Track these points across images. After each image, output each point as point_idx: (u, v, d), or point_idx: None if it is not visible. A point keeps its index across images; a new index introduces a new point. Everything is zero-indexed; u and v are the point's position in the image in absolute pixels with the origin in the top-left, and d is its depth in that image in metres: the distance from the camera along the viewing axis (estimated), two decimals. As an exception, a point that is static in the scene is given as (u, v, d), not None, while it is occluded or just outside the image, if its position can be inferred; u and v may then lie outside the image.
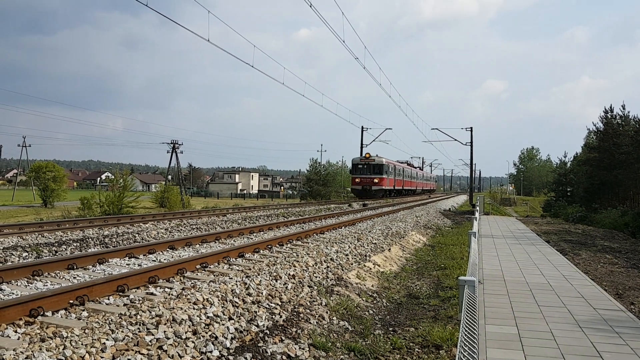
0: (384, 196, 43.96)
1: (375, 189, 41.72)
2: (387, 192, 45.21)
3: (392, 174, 46.07)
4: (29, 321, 4.90)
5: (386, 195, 44.96)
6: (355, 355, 5.54)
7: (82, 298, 5.58)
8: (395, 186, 48.06)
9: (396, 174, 48.56)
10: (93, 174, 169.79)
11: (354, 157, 43.58)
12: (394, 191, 48.88)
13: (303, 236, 12.50)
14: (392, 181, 46.37)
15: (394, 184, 47.26)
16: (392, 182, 46.19)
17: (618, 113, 41.24)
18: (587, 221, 29.85)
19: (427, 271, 11.25)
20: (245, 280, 7.05)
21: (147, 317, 5.13)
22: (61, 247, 9.54)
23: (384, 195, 44.13)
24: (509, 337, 5.53)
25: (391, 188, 46.15)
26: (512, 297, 7.55)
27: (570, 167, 55.17)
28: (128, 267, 8.02)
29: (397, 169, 49.24)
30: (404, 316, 7.46)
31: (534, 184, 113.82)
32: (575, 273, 9.93)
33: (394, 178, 46.96)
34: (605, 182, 37.14)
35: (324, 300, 7.13)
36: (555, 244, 15.69)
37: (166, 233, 12.49)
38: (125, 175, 30.56)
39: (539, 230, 20.52)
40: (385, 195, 44.73)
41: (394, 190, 48.38)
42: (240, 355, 4.82)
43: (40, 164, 58.49)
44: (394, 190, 48.38)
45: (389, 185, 44.87)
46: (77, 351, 4.18)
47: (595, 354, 5.04)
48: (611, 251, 14.50)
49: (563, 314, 6.62)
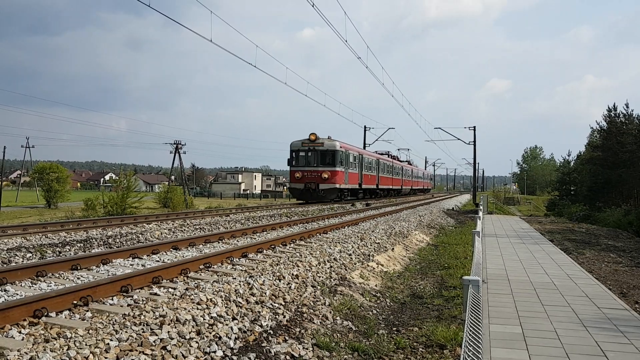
0: (340, 198, 31.96)
1: (324, 187, 29.27)
2: (346, 193, 32.83)
3: (355, 166, 33.85)
4: (33, 322, 4.91)
5: (345, 196, 32.91)
6: (359, 355, 5.53)
7: (86, 298, 5.58)
8: (362, 183, 35.69)
9: (364, 166, 36.17)
10: (96, 175, 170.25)
11: (294, 141, 30.75)
12: (362, 191, 36.65)
13: (306, 236, 12.50)
14: (356, 176, 34.21)
15: (359, 180, 34.99)
16: (355, 177, 33.96)
17: (622, 112, 41.20)
18: (590, 220, 29.78)
19: (431, 271, 11.23)
20: (248, 280, 7.05)
21: (151, 317, 5.13)
22: (65, 248, 9.56)
23: (341, 196, 31.81)
24: (513, 337, 5.51)
25: (354, 187, 33.90)
26: (516, 297, 7.53)
27: (574, 166, 55.09)
28: (132, 267, 8.03)
29: (365, 160, 36.62)
30: (408, 316, 7.45)
31: (538, 183, 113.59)
32: (579, 272, 9.90)
33: (358, 172, 34.64)
34: (609, 181, 37.05)
35: (327, 300, 7.12)
36: (559, 243, 15.65)
37: (169, 233, 12.50)
38: (129, 176, 30.62)
39: (542, 230, 20.47)
40: (344, 197, 32.69)
41: (361, 189, 36.04)
42: (244, 355, 4.82)
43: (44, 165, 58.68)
44: (361, 189, 36.04)
45: (350, 182, 32.62)
46: (81, 352, 4.18)
47: (599, 353, 5.02)
48: (615, 250, 14.46)
49: (567, 313, 6.60)
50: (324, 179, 29.34)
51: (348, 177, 31.87)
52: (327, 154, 29.81)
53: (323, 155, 29.87)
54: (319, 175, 29.51)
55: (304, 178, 29.77)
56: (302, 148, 30.25)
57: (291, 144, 30.60)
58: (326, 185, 29.37)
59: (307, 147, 30.11)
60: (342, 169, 30.66)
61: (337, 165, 29.74)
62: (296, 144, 30.49)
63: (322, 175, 29.37)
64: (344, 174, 31.08)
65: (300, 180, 29.88)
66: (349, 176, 32.23)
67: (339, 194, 30.91)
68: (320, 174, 29.47)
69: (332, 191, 29.76)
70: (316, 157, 29.95)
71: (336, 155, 29.84)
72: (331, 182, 29.52)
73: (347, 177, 31.77)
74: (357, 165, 34.35)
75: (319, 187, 29.26)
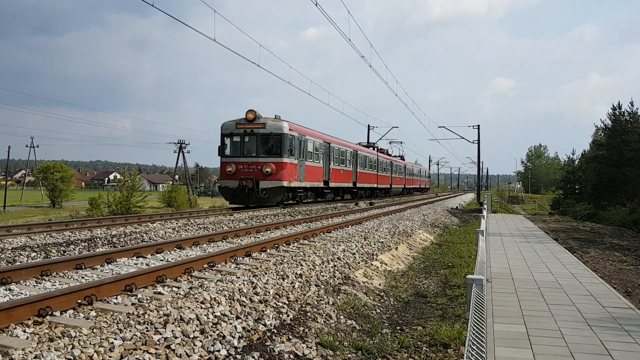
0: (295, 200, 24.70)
1: (266, 186, 21.64)
2: (301, 193, 24.96)
3: (318, 157, 26.38)
4: (38, 321, 4.92)
5: (301, 198, 25.21)
6: (362, 354, 5.53)
7: (90, 298, 5.60)
8: (331, 180, 28.36)
9: (334, 159, 28.86)
10: (101, 174, 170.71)
11: (226, 122, 22.98)
12: (331, 190, 29.46)
13: (310, 235, 12.50)
14: (319, 171, 26.51)
15: (325, 176, 27.62)
16: (318, 172, 26.31)
17: (626, 110, 41.00)
18: (595, 219, 29.68)
19: (435, 270, 11.22)
20: (252, 279, 7.05)
21: (155, 316, 5.14)
22: (69, 247, 9.58)
23: (293, 197, 24.30)
24: (518, 336, 5.50)
25: (316, 184, 26.24)
26: (520, 296, 7.51)
27: (578, 164, 54.90)
28: (136, 266, 8.05)
29: (335, 151, 29.25)
30: (412, 315, 7.44)
31: (542, 181, 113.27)
32: (583, 271, 9.87)
33: (323, 166, 27.22)
34: (614, 180, 36.90)
35: (331, 299, 7.12)
36: (563, 241, 15.61)
37: (173, 232, 12.52)
38: (133, 176, 30.72)
39: (547, 228, 20.42)
40: (299, 199, 24.99)
41: (328, 188, 28.62)
42: (248, 354, 4.82)
43: (48, 165, 58.92)
44: (328, 188, 28.62)
45: (310, 178, 25.09)
46: (85, 351, 4.19)
47: (604, 352, 5.00)
48: (620, 249, 14.41)
49: (572, 312, 6.58)
50: (266, 174, 21.58)
51: (304, 172, 24.24)
52: (271, 139, 22.07)
53: (265, 141, 22.13)
54: (258, 169, 21.74)
55: (238, 173, 21.88)
56: (237, 131, 22.28)
57: (222, 125, 22.81)
58: (269, 183, 21.63)
59: (243, 129, 22.15)
60: (294, 160, 22.93)
61: (284, 155, 22.03)
62: (228, 126, 22.59)
63: (264, 168, 21.60)
64: (297, 167, 23.40)
65: (233, 176, 21.90)
66: (308, 171, 24.70)
67: (287, 194, 23.17)
68: (261, 168, 21.68)
69: (277, 191, 21.95)
70: (256, 144, 22.12)
71: (284, 141, 22.08)
72: (276, 179, 21.77)
73: (303, 171, 24.03)
74: (322, 157, 27.07)
75: (258, 186, 21.52)
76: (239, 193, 21.65)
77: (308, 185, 24.98)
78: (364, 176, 35.76)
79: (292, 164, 22.81)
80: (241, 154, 22.34)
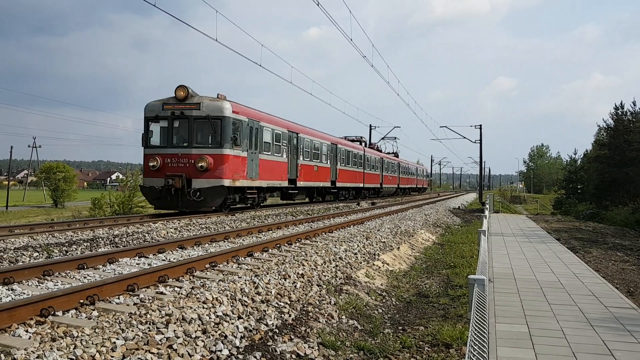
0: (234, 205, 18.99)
1: (201, 185, 16.78)
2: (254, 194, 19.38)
3: (280, 150, 21.41)
4: (40, 321, 4.93)
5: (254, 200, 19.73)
6: (364, 354, 5.53)
7: (92, 297, 5.60)
8: (300, 178, 23.61)
9: (303, 152, 24.15)
10: (103, 174, 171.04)
11: (151, 102, 17.89)
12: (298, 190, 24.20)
13: (312, 235, 12.50)
14: (279, 167, 21.35)
15: (291, 173, 22.73)
16: (280, 169, 21.45)
17: (629, 109, 41.01)
18: (597, 219, 29.63)
19: (437, 270, 11.21)
20: (254, 279, 7.06)
21: (157, 316, 5.15)
22: (72, 247, 9.60)
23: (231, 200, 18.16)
24: (520, 336, 5.49)
25: (275, 183, 20.99)
26: (522, 296, 7.51)
27: (581, 164, 54.90)
28: (138, 266, 8.06)
29: (306, 143, 24.62)
30: (414, 315, 7.44)
31: (544, 181, 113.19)
32: (586, 271, 9.86)
33: (287, 161, 22.20)
34: (616, 179, 36.86)
35: (333, 299, 7.12)
36: (565, 241, 15.59)
37: (175, 232, 12.54)
38: (135, 176, 30.71)
39: (549, 228, 20.39)
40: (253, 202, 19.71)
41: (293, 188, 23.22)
42: (250, 354, 4.83)
43: (51, 165, 59.00)
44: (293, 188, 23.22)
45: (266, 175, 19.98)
46: (87, 350, 4.20)
47: (606, 352, 4.99)
48: (622, 249, 14.39)
49: (574, 312, 6.57)
50: (201, 170, 16.66)
51: (258, 168, 19.17)
52: (208, 123, 16.98)
53: (200, 127, 17.20)
54: (191, 164, 16.81)
55: (164, 168, 16.94)
56: (163, 114, 17.24)
57: (146, 106, 17.70)
58: (204, 182, 16.65)
59: (171, 111, 17.12)
60: (241, 151, 17.84)
61: (226, 145, 17.01)
62: (153, 107, 17.50)
63: (197, 163, 16.65)
64: (247, 161, 18.31)
65: (157, 173, 16.96)
66: (264, 166, 19.71)
67: (232, 196, 17.93)
68: (194, 161, 16.73)
69: (215, 192, 16.73)
70: (188, 130, 17.11)
71: (225, 127, 17.02)
72: (214, 176, 16.76)
73: (256, 167, 19.01)
74: (287, 150, 22.27)
75: (190, 185, 16.58)
76: (164, 195, 16.68)
77: (264, 185, 20.07)
78: (346, 174, 31.32)
79: (238, 156, 17.76)
80: (168, 144, 17.28)
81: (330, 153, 28.68)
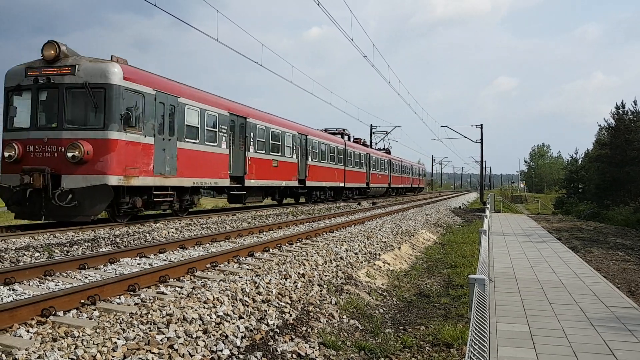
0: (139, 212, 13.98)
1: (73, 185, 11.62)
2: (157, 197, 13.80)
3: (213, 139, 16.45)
4: (41, 321, 4.94)
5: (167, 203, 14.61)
6: (365, 354, 5.53)
7: (93, 297, 5.61)
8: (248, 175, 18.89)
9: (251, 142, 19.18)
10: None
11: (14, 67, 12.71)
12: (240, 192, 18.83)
13: (312, 235, 12.50)
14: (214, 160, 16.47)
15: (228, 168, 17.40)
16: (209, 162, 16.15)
17: (630, 109, 40.95)
18: (598, 218, 29.59)
19: (438, 269, 11.21)
20: (255, 279, 7.06)
21: (158, 316, 5.15)
22: (72, 247, 9.60)
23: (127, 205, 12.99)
24: (521, 335, 5.49)
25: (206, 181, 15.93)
26: (523, 295, 7.50)
27: (582, 163, 54.81)
28: (139, 266, 8.06)
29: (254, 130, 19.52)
30: (415, 315, 7.44)
31: (545, 181, 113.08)
32: (587, 270, 9.85)
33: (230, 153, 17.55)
34: (617, 179, 36.82)
35: (333, 299, 7.13)
36: (566, 241, 15.57)
37: (176, 232, 12.54)
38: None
39: (550, 228, 20.38)
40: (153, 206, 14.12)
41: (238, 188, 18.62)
42: (251, 354, 4.83)
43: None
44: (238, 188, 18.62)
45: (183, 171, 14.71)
46: (88, 350, 4.20)
47: (607, 352, 4.99)
48: (623, 248, 14.37)
49: (575, 312, 6.56)
50: (73, 162, 11.84)
51: (175, 161, 14.38)
52: (86, 94, 12.11)
53: (74, 99, 12.32)
54: (60, 153, 11.99)
55: (26, 160, 12.19)
56: (26, 82, 12.45)
57: (6, 74, 12.99)
58: (78, 180, 11.86)
59: (36, 78, 12.25)
60: (139, 137, 12.91)
61: (111, 127, 12.20)
62: (16, 73, 12.72)
63: (68, 152, 11.84)
64: (153, 150, 13.42)
65: (15, 167, 12.17)
66: (186, 158, 14.96)
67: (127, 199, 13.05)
68: (65, 150, 11.90)
69: (94, 194, 11.93)
70: (57, 105, 12.23)
71: (111, 99, 12.20)
72: (93, 171, 11.96)
73: (171, 159, 14.23)
74: (229, 139, 17.51)
75: (59, 185, 11.81)
76: (22, 197, 11.81)
77: (189, 184, 15.22)
78: (320, 171, 26.74)
79: (135, 143, 12.80)
80: (32, 125, 12.44)
81: (298, 145, 24.08)
